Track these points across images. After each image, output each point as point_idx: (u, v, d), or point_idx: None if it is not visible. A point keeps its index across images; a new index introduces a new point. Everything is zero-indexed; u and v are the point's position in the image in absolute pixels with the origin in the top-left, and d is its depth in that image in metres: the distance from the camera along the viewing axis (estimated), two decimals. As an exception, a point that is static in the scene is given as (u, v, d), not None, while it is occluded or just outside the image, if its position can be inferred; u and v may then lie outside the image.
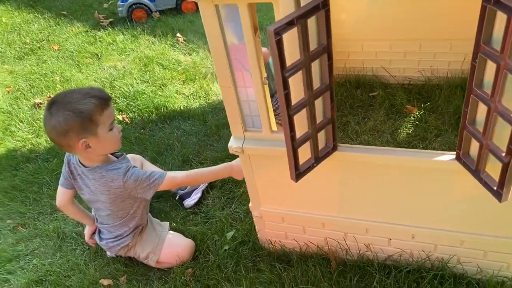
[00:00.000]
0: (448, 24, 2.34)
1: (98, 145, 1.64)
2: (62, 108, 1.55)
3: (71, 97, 1.58)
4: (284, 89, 1.09)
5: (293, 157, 1.25)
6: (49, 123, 1.58)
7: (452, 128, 2.22)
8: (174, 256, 1.87)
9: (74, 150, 1.67)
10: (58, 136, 1.60)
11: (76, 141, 1.59)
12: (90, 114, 1.56)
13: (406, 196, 1.47)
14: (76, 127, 1.56)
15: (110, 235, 1.89)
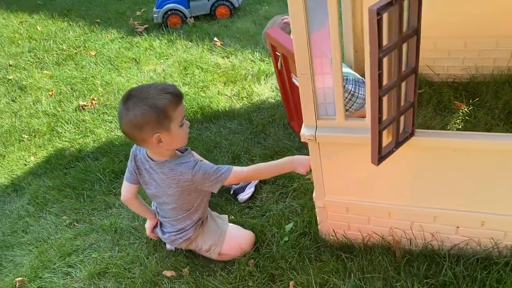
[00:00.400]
0: (493, 21, 2.36)
1: (169, 140, 1.66)
2: (139, 103, 1.57)
3: (147, 92, 1.60)
4: (378, 69, 1.12)
5: (377, 140, 1.27)
6: (126, 116, 1.60)
7: (503, 122, 2.23)
8: (236, 248, 1.89)
9: (146, 144, 1.69)
10: (133, 130, 1.62)
11: (150, 135, 1.62)
12: (165, 110, 1.59)
13: (479, 182, 1.48)
14: (152, 121, 1.58)
15: (172, 228, 1.92)
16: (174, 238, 1.92)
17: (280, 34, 2.12)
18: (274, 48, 2.22)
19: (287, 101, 2.43)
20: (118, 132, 2.87)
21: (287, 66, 2.17)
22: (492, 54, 2.49)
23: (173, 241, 1.94)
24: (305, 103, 1.49)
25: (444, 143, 1.40)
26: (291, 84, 2.19)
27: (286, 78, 2.21)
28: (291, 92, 2.27)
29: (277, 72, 2.36)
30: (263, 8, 4.08)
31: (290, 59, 2.08)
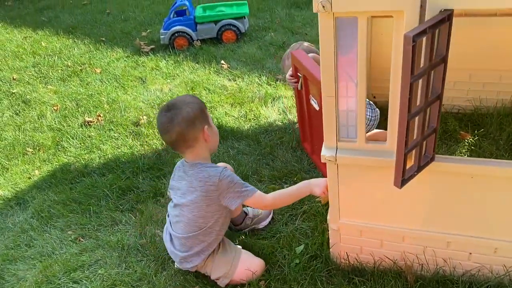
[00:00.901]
0: (498, 55, 2.45)
1: (212, 135, 1.82)
2: (183, 105, 1.74)
3: (181, 99, 1.80)
4: (409, 94, 1.16)
5: (402, 163, 1.30)
6: (177, 117, 1.71)
7: (508, 153, 2.29)
8: (246, 275, 1.87)
9: (196, 143, 1.78)
10: (188, 127, 1.72)
11: (201, 129, 1.76)
12: (203, 107, 1.81)
13: (494, 209, 1.51)
14: (199, 116, 1.76)
15: (181, 248, 1.90)
16: (182, 260, 1.91)
17: (303, 56, 2.18)
18: (296, 69, 2.28)
19: (303, 122, 2.47)
20: (124, 148, 2.87)
21: (306, 88, 2.21)
22: (496, 87, 2.57)
23: (182, 263, 1.93)
24: (328, 125, 1.52)
25: (463, 169, 1.44)
26: (308, 105, 2.23)
27: (305, 99, 2.26)
28: (308, 114, 2.31)
29: (297, 92, 2.41)
30: (269, 34, 4.17)
31: (310, 81, 2.13)
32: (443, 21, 1.15)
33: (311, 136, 2.37)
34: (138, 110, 3.24)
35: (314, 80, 2.03)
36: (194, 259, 1.87)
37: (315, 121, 2.26)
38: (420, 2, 1.17)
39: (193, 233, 1.84)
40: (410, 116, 1.22)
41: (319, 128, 2.17)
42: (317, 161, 2.43)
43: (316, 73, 2.03)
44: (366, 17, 1.26)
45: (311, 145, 2.43)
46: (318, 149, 2.34)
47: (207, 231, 1.84)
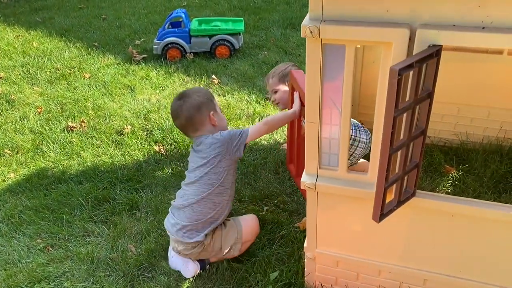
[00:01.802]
0: (487, 92, 2.45)
1: (218, 119, 2.01)
2: (192, 94, 1.99)
3: (192, 89, 2.07)
4: (392, 127, 1.12)
5: (381, 197, 1.26)
6: (186, 103, 1.95)
7: (491, 191, 2.27)
8: (250, 233, 2.01)
9: (204, 126, 1.96)
10: (195, 112, 1.94)
11: (207, 114, 1.96)
12: (210, 96, 2.03)
13: (474, 249, 1.48)
14: (206, 103, 1.97)
15: (193, 215, 1.90)
16: (190, 231, 1.91)
17: (301, 76, 2.15)
18: (293, 88, 2.24)
19: (291, 143, 2.42)
20: (105, 157, 2.81)
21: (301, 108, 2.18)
22: (483, 123, 2.56)
23: (189, 236, 1.90)
24: (309, 151, 1.48)
25: (444, 207, 1.40)
26: (299, 127, 2.20)
27: (297, 120, 2.22)
28: (297, 135, 2.28)
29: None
30: (263, 53, 4.16)
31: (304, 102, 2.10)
32: (431, 56, 1.12)
33: (298, 158, 2.32)
34: (123, 119, 3.19)
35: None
36: (205, 227, 1.91)
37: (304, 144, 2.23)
38: (409, 35, 1.14)
39: (207, 192, 1.90)
40: (392, 150, 1.19)
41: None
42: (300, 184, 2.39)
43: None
44: (354, 45, 1.23)
45: (297, 167, 2.39)
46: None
47: (219, 189, 1.92)
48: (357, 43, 1.23)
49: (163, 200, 2.41)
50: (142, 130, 3.05)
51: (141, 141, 2.93)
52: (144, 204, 2.41)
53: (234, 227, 1.98)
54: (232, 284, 1.90)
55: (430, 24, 1.13)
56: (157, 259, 2.07)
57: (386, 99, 1.10)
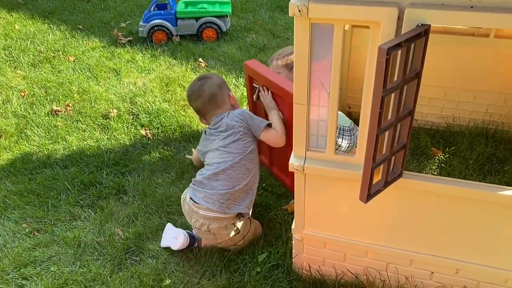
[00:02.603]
0: (473, 76, 2.46)
1: (234, 101, 2.13)
2: (211, 76, 2.14)
3: (208, 74, 2.21)
4: (380, 107, 1.12)
5: (369, 178, 1.27)
6: (207, 83, 2.06)
7: (477, 173, 2.30)
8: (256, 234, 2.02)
9: (224, 104, 2.07)
10: (218, 90, 2.05)
11: (227, 93, 2.10)
12: (224, 81, 2.16)
13: (459, 229, 1.50)
14: (224, 84, 2.12)
15: (228, 183, 1.87)
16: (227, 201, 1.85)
17: (261, 66, 2.14)
18: (251, 79, 2.23)
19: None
20: (91, 141, 2.77)
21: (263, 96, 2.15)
22: (470, 107, 2.58)
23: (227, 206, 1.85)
24: (297, 133, 1.48)
25: (430, 187, 1.41)
26: (267, 118, 2.13)
27: (264, 111, 2.17)
28: None
29: (251, 105, 2.33)
30: (250, 36, 4.11)
31: (275, 93, 2.05)
32: (420, 36, 1.11)
33: (270, 149, 2.28)
34: (109, 103, 3.14)
35: (281, 91, 1.98)
36: (243, 198, 1.89)
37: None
38: (398, 14, 1.13)
39: (239, 157, 1.90)
40: (380, 131, 1.18)
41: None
42: (277, 173, 2.34)
43: (283, 83, 1.97)
44: (342, 25, 1.22)
45: (270, 158, 2.36)
46: (279, 162, 2.27)
47: (250, 155, 1.94)
48: (345, 22, 1.22)
49: (150, 184, 2.39)
50: (128, 114, 3.01)
51: (128, 125, 2.90)
52: (131, 188, 2.39)
53: (253, 225, 2.00)
54: (220, 266, 1.91)
55: (419, 3, 1.12)
56: (145, 243, 2.06)
57: (374, 79, 1.10)
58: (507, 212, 1.40)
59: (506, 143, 2.49)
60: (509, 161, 2.36)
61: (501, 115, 2.53)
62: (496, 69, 2.41)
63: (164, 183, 2.40)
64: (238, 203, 1.87)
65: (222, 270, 1.90)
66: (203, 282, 1.86)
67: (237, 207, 1.86)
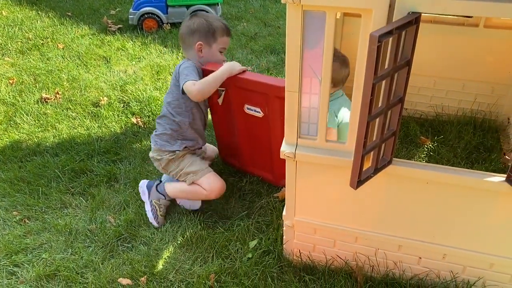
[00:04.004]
0: (461, 65, 2.49)
1: (207, 54, 2.07)
2: (201, 17, 2.07)
3: (209, 16, 2.11)
4: (370, 94, 1.14)
5: (359, 164, 1.29)
6: (187, 22, 2.07)
7: (464, 161, 2.34)
8: (207, 186, 2.04)
9: (191, 51, 2.07)
10: (187, 33, 2.05)
11: (195, 41, 2.04)
12: (215, 30, 2.05)
13: (447, 215, 1.53)
14: (201, 32, 2.04)
15: (162, 128, 2.09)
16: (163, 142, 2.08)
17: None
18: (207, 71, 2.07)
19: (227, 137, 2.30)
20: (81, 129, 2.76)
21: (236, 98, 2.07)
22: (458, 96, 2.61)
23: (162, 146, 2.08)
24: (289, 120, 1.49)
25: (419, 174, 1.44)
26: (239, 117, 2.12)
27: (234, 111, 2.11)
28: (238, 126, 2.17)
29: (215, 108, 2.20)
30: (241, 24, 4.10)
31: (251, 90, 1.99)
32: (410, 23, 1.13)
33: (244, 149, 2.25)
34: (99, 91, 3.12)
35: (259, 87, 1.94)
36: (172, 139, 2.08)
37: (255, 131, 2.13)
38: (389, 2, 1.15)
39: (171, 99, 2.06)
40: (370, 118, 1.20)
41: (262, 137, 2.11)
42: (259, 173, 2.30)
43: (260, 78, 1.96)
44: (334, 13, 1.23)
45: (247, 160, 2.30)
46: (260, 160, 2.24)
47: (176, 109, 2.06)
48: (337, 10, 1.23)
49: (141, 172, 2.40)
50: (118, 102, 3.00)
51: (118, 113, 2.89)
52: (123, 176, 2.39)
53: (202, 165, 2.10)
54: (212, 252, 1.93)
55: (410, -9, 1.13)
56: (136, 229, 2.07)
57: (365, 66, 1.11)
58: (493, 198, 1.43)
59: (493, 132, 2.53)
60: (496, 150, 2.40)
61: (489, 105, 2.56)
62: (485, 59, 2.44)
63: (155, 170, 2.40)
64: (168, 142, 2.08)
65: (214, 256, 1.92)
66: (195, 268, 1.88)
67: (167, 145, 2.08)
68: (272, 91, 1.91)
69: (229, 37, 2.15)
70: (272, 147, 2.11)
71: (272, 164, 2.19)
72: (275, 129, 2.03)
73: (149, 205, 2.11)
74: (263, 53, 3.61)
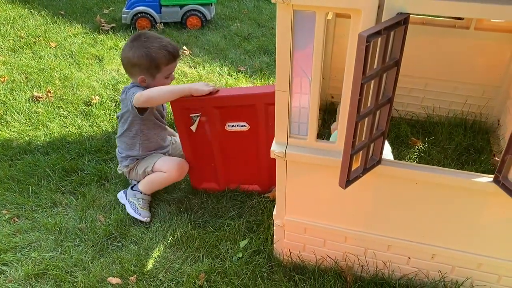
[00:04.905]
0: (453, 67, 2.51)
1: (151, 83, 2.03)
2: (141, 47, 1.97)
3: (152, 42, 1.98)
4: (359, 94, 1.14)
5: (348, 164, 1.29)
6: (127, 53, 2.01)
7: (455, 162, 2.35)
8: (166, 166, 2.10)
9: (133, 78, 2.07)
10: (128, 65, 2.03)
11: (137, 74, 2.01)
12: (158, 63, 1.98)
13: (436, 215, 1.54)
14: (142, 66, 1.98)
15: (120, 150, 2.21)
16: (120, 159, 2.22)
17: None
18: (186, 111, 1.98)
19: (197, 164, 2.18)
20: (72, 128, 2.75)
21: (215, 119, 1.99)
22: (449, 98, 2.63)
23: (120, 162, 2.22)
24: (280, 120, 1.49)
25: (408, 174, 1.45)
26: (222, 137, 2.05)
27: (211, 133, 2.04)
28: (219, 148, 2.09)
29: (184, 137, 2.07)
30: (235, 24, 4.10)
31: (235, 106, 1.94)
32: (399, 24, 1.14)
33: (226, 168, 2.17)
34: (91, 90, 3.11)
35: (245, 100, 1.91)
36: (125, 160, 2.18)
37: (239, 146, 2.07)
38: (378, 3, 1.15)
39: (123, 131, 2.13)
40: (359, 117, 1.21)
41: (247, 150, 2.07)
42: (246, 187, 2.23)
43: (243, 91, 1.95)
44: (324, 13, 1.23)
45: (228, 176, 2.20)
46: (246, 174, 2.17)
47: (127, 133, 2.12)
48: (327, 10, 1.23)
49: (133, 171, 2.39)
50: (110, 101, 2.99)
51: (110, 112, 2.88)
52: (113, 175, 2.38)
53: (152, 160, 2.15)
54: (202, 252, 1.93)
55: (399, -8, 1.14)
56: (127, 229, 2.06)
57: (354, 66, 1.12)
58: (481, 199, 1.44)
59: (483, 134, 2.55)
60: (486, 151, 2.42)
61: (479, 107, 2.58)
62: (476, 61, 2.46)
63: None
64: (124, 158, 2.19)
65: (204, 256, 1.92)
66: (185, 267, 1.87)
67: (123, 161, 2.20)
68: (261, 100, 1.89)
69: (176, 61, 2.05)
70: (260, 157, 2.09)
71: (260, 174, 2.16)
72: (262, 137, 2.01)
73: (128, 204, 2.13)
74: (256, 54, 3.62)
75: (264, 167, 2.12)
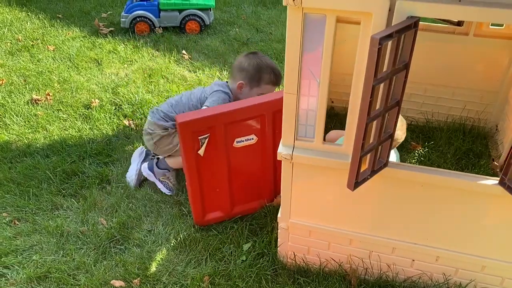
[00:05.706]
0: (452, 73, 2.54)
1: (245, 93, 2.24)
2: (257, 58, 2.23)
3: (266, 60, 2.26)
4: (370, 96, 1.15)
5: (357, 166, 1.30)
6: (241, 58, 2.27)
7: (454, 167, 2.38)
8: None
9: (233, 82, 2.26)
10: (237, 67, 2.26)
11: (239, 79, 2.23)
12: (261, 79, 2.23)
13: (441, 217, 1.55)
14: (248, 73, 2.22)
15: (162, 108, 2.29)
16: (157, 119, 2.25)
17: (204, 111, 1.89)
18: (195, 134, 1.83)
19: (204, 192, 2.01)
20: (72, 131, 2.73)
21: (224, 137, 1.89)
22: (448, 103, 2.66)
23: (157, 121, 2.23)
24: (287, 122, 1.50)
25: (414, 177, 1.46)
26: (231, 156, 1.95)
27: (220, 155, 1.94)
28: (228, 168, 1.98)
29: (193, 163, 1.91)
30: (233, 29, 4.12)
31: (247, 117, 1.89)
32: (409, 27, 1.15)
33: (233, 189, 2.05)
34: (91, 93, 3.10)
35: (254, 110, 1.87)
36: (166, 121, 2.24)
37: (247, 161, 2.00)
38: (389, 6, 1.17)
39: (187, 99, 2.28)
40: (369, 119, 1.22)
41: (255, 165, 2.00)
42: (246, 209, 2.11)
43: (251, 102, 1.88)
44: (334, 16, 1.25)
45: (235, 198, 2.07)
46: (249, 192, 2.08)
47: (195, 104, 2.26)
48: (337, 13, 1.25)
49: (134, 174, 2.38)
50: (110, 104, 2.98)
51: (110, 115, 2.87)
52: (115, 178, 2.37)
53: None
54: (205, 255, 1.92)
55: (409, -4, 1.15)
56: (129, 231, 2.05)
57: (365, 68, 1.13)
58: (486, 201, 1.46)
59: (482, 139, 2.58)
60: (485, 156, 2.45)
61: (477, 112, 2.61)
62: (474, 67, 2.49)
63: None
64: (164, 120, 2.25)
65: (207, 258, 1.91)
66: (188, 270, 1.87)
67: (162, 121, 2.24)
68: (270, 108, 1.88)
69: (274, 87, 2.28)
70: (266, 170, 2.06)
71: (265, 187, 2.10)
72: (268, 147, 1.99)
73: (160, 183, 2.28)
74: (255, 58, 3.63)
75: (269, 180, 2.10)
